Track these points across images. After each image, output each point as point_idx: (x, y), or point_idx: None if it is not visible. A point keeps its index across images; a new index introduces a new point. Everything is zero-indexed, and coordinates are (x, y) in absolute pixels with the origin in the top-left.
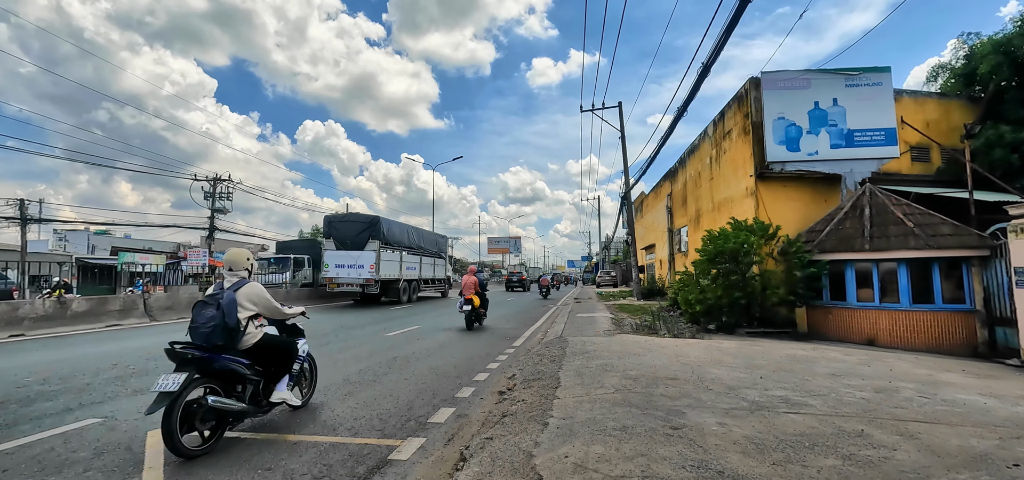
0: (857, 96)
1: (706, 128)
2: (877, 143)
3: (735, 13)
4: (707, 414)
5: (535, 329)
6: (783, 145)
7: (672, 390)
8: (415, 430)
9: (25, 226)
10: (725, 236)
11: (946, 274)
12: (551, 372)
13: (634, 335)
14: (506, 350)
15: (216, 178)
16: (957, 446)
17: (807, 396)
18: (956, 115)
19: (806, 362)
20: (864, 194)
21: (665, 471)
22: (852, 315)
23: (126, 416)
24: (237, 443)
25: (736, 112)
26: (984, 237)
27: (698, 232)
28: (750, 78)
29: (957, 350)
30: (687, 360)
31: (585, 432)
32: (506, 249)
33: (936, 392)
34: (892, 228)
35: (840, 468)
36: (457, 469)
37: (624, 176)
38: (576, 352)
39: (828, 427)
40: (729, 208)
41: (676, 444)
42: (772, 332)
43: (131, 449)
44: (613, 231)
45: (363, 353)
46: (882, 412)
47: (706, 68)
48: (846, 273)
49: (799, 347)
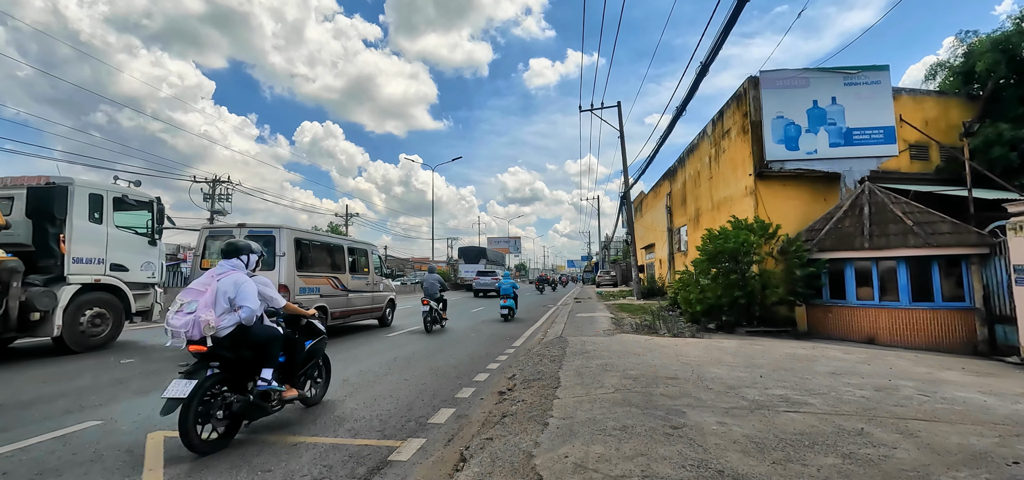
0: (856, 95)
1: (705, 127)
2: (876, 141)
3: (733, 12)
4: (707, 413)
5: (535, 329)
6: (782, 144)
7: (672, 389)
8: (415, 431)
9: None
10: (725, 235)
11: (945, 272)
12: (551, 372)
13: (634, 335)
14: (506, 350)
15: (215, 180)
16: (957, 444)
17: (807, 395)
18: (955, 113)
19: (806, 361)
20: (863, 192)
21: (665, 470)
22: (852, 314)
23: (126, 418)
24: (237, 444)
25: (735, 111)
26: (983, 235)
27: (698, 231)
28: (749, 77)
29: (957, 348)
30: (687, 359)
31: (585, 432)
32: (506, 249)
33: (936, 390)
34: (891, 226)
35: (840, 466)
36: (457, 469)
37: (623, 176)
38: (576, 352)
39: (828, 426)
40: (728, 207)
41: (676, 443)
42: (772, 331)
43: (131, 452)
44: (613, 231)
45: (363, 353)
46: (882, 410)
47: (705, 67)
48: (846, 272)
49: (799, 346)
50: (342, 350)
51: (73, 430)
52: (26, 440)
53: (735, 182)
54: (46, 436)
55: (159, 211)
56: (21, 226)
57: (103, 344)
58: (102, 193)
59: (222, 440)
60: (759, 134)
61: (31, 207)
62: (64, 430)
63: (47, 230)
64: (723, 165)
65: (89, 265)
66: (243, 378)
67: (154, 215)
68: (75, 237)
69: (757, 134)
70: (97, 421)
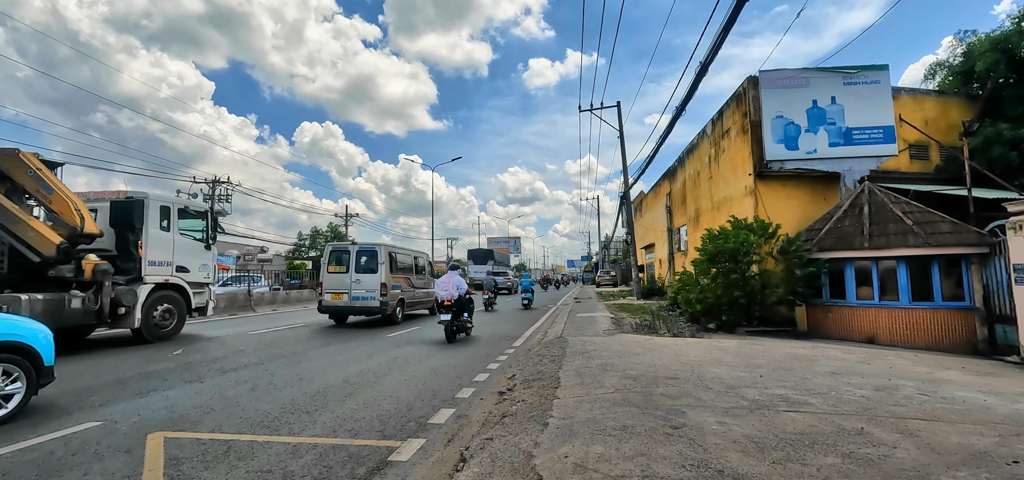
0: (855, 94)
1: (705, 127)
2: (875, 141)
3: (733, 11)
4: (707, 413)
5: (535, 329)
6: (782, 144)
7: (672, 389)
8: (415, 431)
9: None
10: (725, 235)
11: (945, 272)
12: (551, 372)
13: (634, 334)
14: (506, 350)
15: (215, 180)
16: (957, 443)
17: (807, 395)
18: (954, 113)
19: (806, 361)
20: (863, 192)
21: (665, 470)
22: (852, 313)
23: (126, 419)
24: (235, 445)
25: (735, 111)
26: (983, 234)
27: (697, 231)
28: (748, 77)
29: (957, 348)
30: (687, 359)
31: (585, 432)
32: (506, 249)
33: (936, 390)
34: (891, 226)
35: (840, 466)
36: (457, 470)
37: (623, 176)
38: (576, 352)
39: (828, 425)
40: (728, 207)
41: (676, 443)
42: (772, 331)
43: (131, 452)
44: (612, 231)
45: (363, 353)
46: (882, 410)
47: (704, 67)
48: (845, 271)
49: (799, 346)
50: (342, 350)
51: (73, 430)
52: (26, 441)
53: (735, 182)
54: (46, 437)
55: (213, 220)
56: (106, 234)
57: (170, 336)
58: (169, 205)
59: (455, 337)
60: (759, 134)
61: (113, 218)
62: (64, 430)
63: (128, 237)
64: (723, 165)
65: (160, 267)
66: (459, 316)
67: (209, 223)
68: (149, 243)
69: (757, 134)
70: (97, 421)
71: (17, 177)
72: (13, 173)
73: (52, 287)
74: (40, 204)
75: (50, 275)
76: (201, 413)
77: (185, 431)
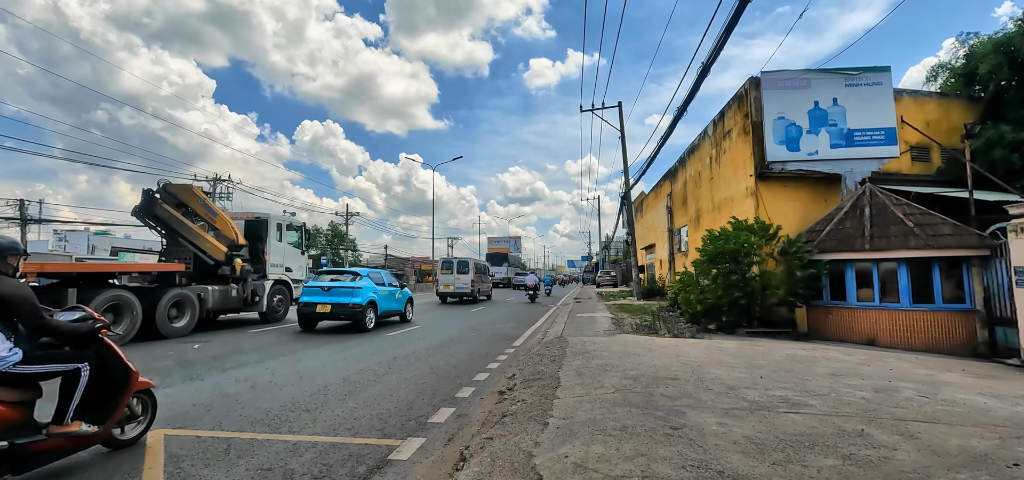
0: (857, 96)
1: (706, 128)
2: (877, 143)
3: (735, 12)
4: (707, 414)
5: (535, 329)
6: (783, 145)
7: (672, 390)
8: (415, 430)
9: (25, 226)
10: (725, 236)
11: (946, 274)
12: (551, 372)
13: (634, 335)
14: (506, 350)
15: (216, 178)
16: (957, 446)
17: (807, 396)
18: (956, 115)
19: (806, 362)
20: (864, 194)
21: (665, 471)
22: (852, 315)
23: None
24: (235, 443)
25: (736, 112)
26: (984, 237)
27: (698, 232)
28: (750, 78)
29: (957, 350)
30: (687, 360)
31: (585, 432)
32: (506, 249)
33: (936, 392)
34: (892, 228)
35: (840, 468)
36: (457, 469)
37: (624, 176)
38: (576, 352)
39: (828, 427)
40: (729, 208)
41: (676, 444)
42: (772, 332)
43: (131, 451)
44: (613, 231)
45: (363, 352)
46: (882, 412)
47: (706, 68)
48: (846, 273)
49: (799, 347)
50: (343, 349)
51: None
52: None
53: (736, 183)
54: None
55: (306, 231)
56: None
57: (281, 318)
58: (281, 221)
59: (534, 300)
60: (760, 135)
61: (247, 232)
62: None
63: (257, 246)
64: (724, 166)
65: (276, 268)
66: (537, 292)
67: (303, 234)
68: (271, 250)
69: (758, 135)
70: None
71: (191, 204)
72: (188, 201)
73: (218, 282)
74: (207, 223)
75: (218, 273)
76: (201, 410)
77: (185, 428)
